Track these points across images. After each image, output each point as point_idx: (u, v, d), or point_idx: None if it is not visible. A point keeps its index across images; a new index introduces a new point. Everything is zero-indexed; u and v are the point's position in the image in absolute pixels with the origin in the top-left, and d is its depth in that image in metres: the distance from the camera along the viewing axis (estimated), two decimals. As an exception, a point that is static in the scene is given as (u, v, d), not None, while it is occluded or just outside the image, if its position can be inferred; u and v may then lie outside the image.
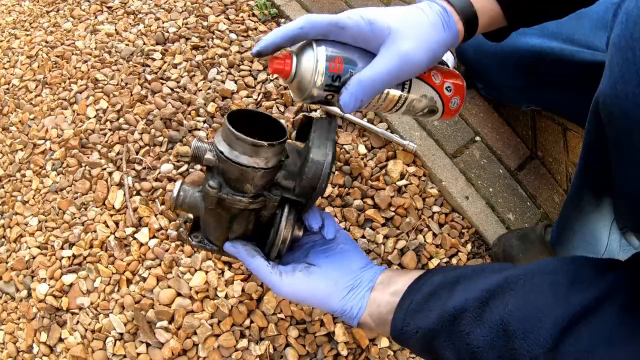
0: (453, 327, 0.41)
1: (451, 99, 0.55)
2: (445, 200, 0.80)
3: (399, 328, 0.46)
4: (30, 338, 0.71)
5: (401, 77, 0.47)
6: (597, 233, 0.66)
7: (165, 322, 0.66)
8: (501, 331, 0.38)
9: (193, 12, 0.99)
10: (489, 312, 0.39)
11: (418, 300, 0.46)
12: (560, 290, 0.38)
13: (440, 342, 0.42)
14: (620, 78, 0.41)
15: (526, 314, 0.37)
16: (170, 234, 0.72)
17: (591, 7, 0.74)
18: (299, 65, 0.45)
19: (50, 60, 0.98)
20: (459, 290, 0.43)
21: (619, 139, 0.46)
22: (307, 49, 0.45)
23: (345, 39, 0.45)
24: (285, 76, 0.46)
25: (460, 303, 0.42)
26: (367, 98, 0.46)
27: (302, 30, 0.44)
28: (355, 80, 0.45)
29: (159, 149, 0.80)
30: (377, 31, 0.45)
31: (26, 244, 0.77)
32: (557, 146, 0.95)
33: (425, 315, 0.44)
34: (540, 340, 0.35)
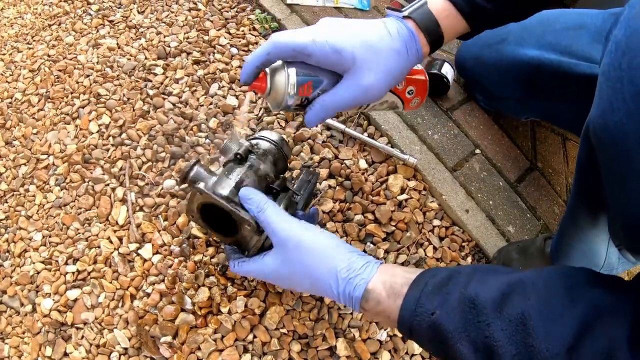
0: (471, 315, 0.39)
1: (412, 100, 0.63)
2: (446, 213, 0.81)
3: (412, 309, 0.43)
4: (35, 352, 0.71)
5: (361, 103, 0.52)
6: (595, 248, 0.67)
7: (169, 337, 0.67)
8: (520, 325, 0.37)
9: (194, 27, 1.00)
10: (510, 304, 0.38)
11: (435, 282, 0.43)
12: (580, 291, 0.38)
13: (454, 333, 0.40)
14: (609, 107, 0.42)
15: (547, 311, 0.37)
16: (174, 250, 0.73)
17: (589, 19, 0.76)
18: (273, 84, 0.52)
19: (52, 74, 0.98)
20: (476, 280, 0.42)
21: (609, 164, 0.47)
22: (280, 70, 0.51)
23: (310, 62, 0.50)
24: (261, 92, 0.53)
25: (482, 291, 0.40)
26: (328, 117, 0.53)
27: (269, 57, 0.49)
28: (319, 104, 0.52)
29: (162, 165, 0.81)
30: (342, 60, 0.49)
31: (30, 259, 0.78)
32: (557, 157, 0.96)
33: (443, 297, 0.42)
34: (561, 339, 0.35)
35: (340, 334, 0.69)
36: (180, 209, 0.76)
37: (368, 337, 0.69)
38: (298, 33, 0.49)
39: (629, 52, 0.39)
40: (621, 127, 0.41)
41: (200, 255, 0.72)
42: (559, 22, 0.78)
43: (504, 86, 0.87)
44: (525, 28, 0.81)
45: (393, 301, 0.45)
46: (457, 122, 0.91)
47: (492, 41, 0.85)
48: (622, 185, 0.46)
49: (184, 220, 0.75)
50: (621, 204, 0.49)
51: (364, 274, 0.47)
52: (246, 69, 0.50)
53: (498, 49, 0.84)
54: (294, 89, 0.51)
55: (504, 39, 0.83)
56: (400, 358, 0.69)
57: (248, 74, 0.50)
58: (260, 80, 0.52)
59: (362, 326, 0.70)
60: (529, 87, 0.83)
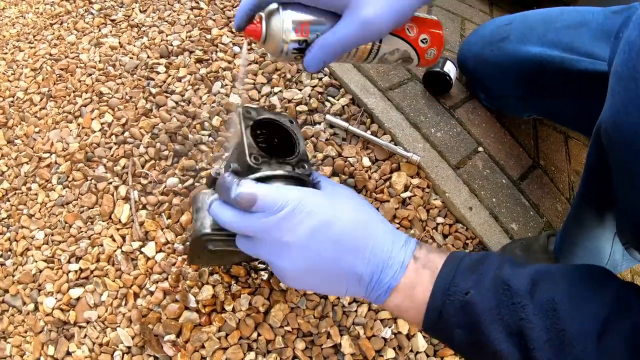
0: (506, 297, 0.38)
1: (427, 51, 0.57)
2: (449, 211, 0.81)
3: (445, 287, 0.40)
4: (37, 351, 0.71)
5: (363, 41, 0.49)
6: (599, 245, 0.67)
7: (172, 335, 0.67)
8: (551, 311, 0.36)
9: (196, 25, 1.00)
10: (540, 291, 0.37)
11: (467, 262, 0.41)
12: (606, 281, 0.38)
13: (488, 315, 0.38)
14: (622, 108, 0.42)
15: (576, 298, 0.37)
16: (177, 248, 0.73)
17: (591, 16, 0.76)
18: (269, 29, 0.49)
19: (54, 73, 0.98)
20: (508, 266, 0.40)
21: (621, 165, 0.47)
22: (275, 14, 0.48)
23: (308, 2, 0.47)
24: (257, 38, 0.49)
25: (514, 275, 0.39)
26: (330, 60, 0.49)
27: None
28: (318, 45, 0.48)
29: (165, 163, 0.81)
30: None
31: (32, 258, 0.78)
32: (559, 154, 0.96)
33: (478, 277, 0.40)
34: (590, 324, 0.35)
35: (345, 331, 0.69)
36: (183, 207, 0.76)
37: (373, 334, 0.69)
38: None
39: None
40: (634, 128, 0.41)
41: (204, 253, 0.72)
42: (561, 20, 0.79)
43: (506, 84, 0.87)
44: (527, 26, 0.81)
45: (429, 277, 0.41)
46: (459, 120, 0.91)
47: (494, 39, 0.85)
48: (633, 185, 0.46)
49: (187, 218, 0.74)
50: (631, 203, 0.49)
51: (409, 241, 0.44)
52: (239, 12, 0.47)
53: (500, 47, 0.84)
54: (290, 31, 0.48)
55: (506, 37, 0.83)
56: (404, 356, 0.69)
57: (242, 16, 0.47)
58: (255, 25, 0.49)
59: (367, 324, 0.69)
60: (531, 84, 0.83)
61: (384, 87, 0.90)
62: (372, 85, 0.90)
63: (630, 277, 0.92)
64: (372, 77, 0.91)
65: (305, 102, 0.88)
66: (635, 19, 0.42)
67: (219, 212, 0.44)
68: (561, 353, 0.35)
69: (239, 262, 0.64)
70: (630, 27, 0.43)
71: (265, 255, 0.44)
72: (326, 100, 0.89)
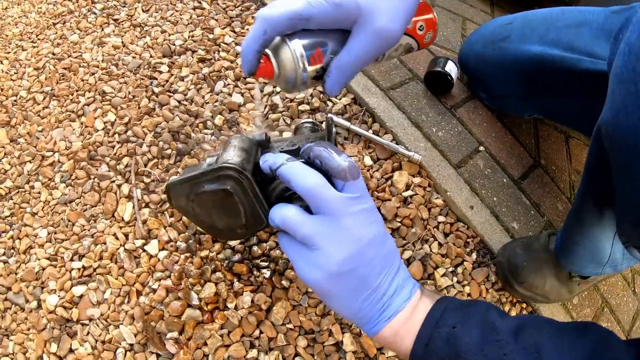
0: (491, 335, 0.39)
1: (424, 36, 0.57)
2: (450, 210, 0.81)
3: (434, 323, 0.42)
4: (40, 349, 0.71)
5: (379, 52, 0.47)
6: (600, 244, 0.67)
7: (175, 333, 0.67)
8: (534, 353, 0.38)
9: (199, 25, 1.00)
10: (524, 335, 0.39)
11: (456, 304, 0.43)
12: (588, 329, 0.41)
13: (472, 348, 0.39)
14: (623, 110, 0.42)
15: (559, 344, 0.38)
16: (180, 246, 0.73)
17: (591, 16, 0.76)
18: (280, 64, 0.46)
19: (57, 73, 0.99)
20: (495, 311, 0.43)
21: (622, 166, 0.47)
22: (282, 46, 0.45)
23: (312, 27, 0.44)
24: (270, 77, 0.46)
25: (499, 318, 0.41)
26: (350, 79, 0.47)
27: (266, 36, 0.43)
28: (335, 68, 0.46)
29: (167, 162, 0.81)
30: (345, 12, 0.43)
31: (36, 255, 0.78)
32: (560, 154, 0.96)
33: (465, 315, 0.42)
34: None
35: (347, 329, 0.69)
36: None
37: (374, 332, 0.69)
38: (285, 1, 0.43)
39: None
40: (635, 130, 0.41)
41: (206, 251, 0.72)
42: (561, 19, 0.79)
43: (507, 84, 0.87)
44: (528, 26, 0.82)
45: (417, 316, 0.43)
46: (461, 119, 0.91)
47: (495, 39, 0.85)
48: (633, 185, 0.46)
49: (190, 216, 0.75)
50: (631, 203, 0.49)
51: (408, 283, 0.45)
52: (246, 56, 0.44)
53: (501, 47, 0.84)
54: (304, 62, 0.45)
55: (506, 37, 0.84)
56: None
57: (250, 61, 0.44)
58: (265, 63, 0.45)
59: (368, 321, 0.70)
60: (532, 84, 0.83)
61: (386, 87, 0.91)
62: (374, 85, 0.90)
63: (630, 276, 0.92)
64: (373, 77, 0.92)
65: (307, 102, 0.88)
66: (636, 21, 0.43)
67: (300, 172, 0.43)
68: None
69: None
70: (630, 29, 0.43)
71: (294, 259, 0.44)
72: (328, 99, 0.89)
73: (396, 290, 0.43)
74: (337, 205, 0.41)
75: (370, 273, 0.42)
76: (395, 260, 0.45)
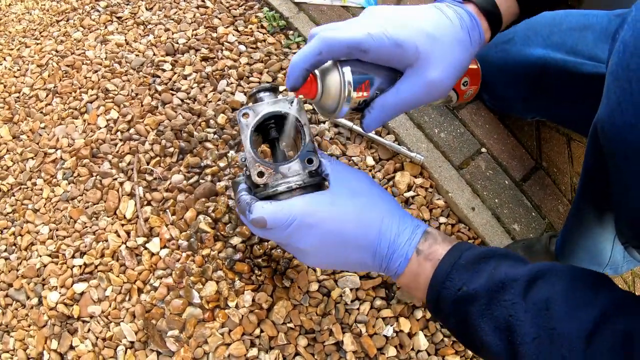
0: (498, 294, 0.39)
1: (466, 92, 0.57)
2: (452, 211, 0.81)
3: (441, 281, 0.42)
4: (40, 345, 0.71)
5: (425, 102, 0.47)
6: (600, 246, 0.67)
7: (176, 331, 0.67)
8: (544, 309, 0.37)
9: (202, 24, 1.00)
10: (536, 289, 0.38)
11: (467, 257, 0.43)
12: (603, 287, 0.39)
13: (478, 308, 0.40)
14: (617, 107, 0.42)
15: (571, 299, 0.37)
16: (181, 244, 0.73)
17: (595, 19, 0.76)
18: (325, 86, 0.45)
19: (60, 70, 0.99)
20: (507, 264, 0.42)
21: (617, 164, 0.47)
22: (332, 70, 0.45)
23: (367, 59, 0.44)
24: (311, 97, 0.46)
25: (510, 273, 0.40)
26: (389, 119, 0.47)
27: (321, 57, 0.43)
28: (380, 105, 0.46)
29: (170, 160, 0.81)
30: (404, 54, 0.43)
31: (37, 252, 0.78)
32: (562, 156, 0.96)
33: (473, 274, 0.41)
34: (582, 324, 0.36)
35: (347, 329, 0.69)
36: (188, 203, 0.76)
37: (375, 332, 0.70)
38: (350, 26, 0.43)
39: (638, 52, 0.40)
40: (630, 127, 0.41)
41: (208, 249, 0.72)
42: (565, 22, 0.79)
43: (509, 86, 0.87)
44: (532, 28, 0.82)
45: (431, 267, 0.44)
46: (463, 120, 0.91)
47: (498, 41, 0.85)
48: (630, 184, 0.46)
49: (191, 215, 0.75)
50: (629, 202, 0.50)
51: (417, 230, 0.46)
52: (294, 71, 0.43)
53: (504, 49, 0.84)
54: (350, 90, 0.44)
55: (510, 39, 0.83)
56: (406, 354, 0.69)
57: (296, 77, 0.43)
58: (310, 83, 0.45)
59: (369, 321, 0.70)
60: (535, 86, 0.83)
61: (388, 87, 0.91)
62: (377, 85, 0.90)
63: (631, 279, 0.92)
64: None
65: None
66: (631, 19, 0.43)
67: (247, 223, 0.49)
68: (548, 350, 0.36)
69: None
70: (625, 27, 0.43)
71: (289, 250, 0.49)
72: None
73: (389, 260, 0.46)
74: (275, 240, 0.49)
75: (348, 261, 0.47)
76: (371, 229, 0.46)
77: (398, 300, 0.72)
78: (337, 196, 0.46)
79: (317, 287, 0.71)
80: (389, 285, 0.73)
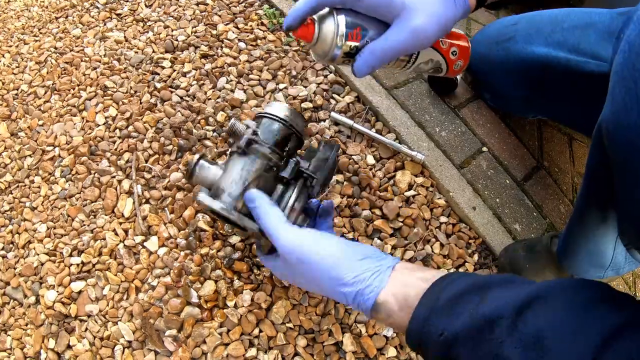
0: (484, 334, 0.37)
1: (455, 62, 0.62)
2: (453, 210, 0.81)
3: (420, 326, 0.40)
4: (38, 344, 0.71)
5: (411, 49, 0.52)
6: (602, 247, 0.66)
7: (174, 330, 0.67)
8: (536, 344, 0.34)
9: (202, 21, 0.99)
10: (524, 322, 0.36)
11: (446, 298, 0.40)
12: (596, 305, 0.36)
13: (463, 351, 0.38)
14: (623, 107, 0.42)
15: (563, 328, 0.35)
16: (180, 243, 0.72)
17: (598, 17, 0.76)
18: (321, 31, 0.51)
19: (59, 67, 0.98)
20: (492, 297, 0.39)
21: (622, 164, 0.47)
22: (328, 17, 0.50)
23: (360, 9, 0.50)
24: (308, 40, 0.51)
25: (496, 309, 0.38)
26: (378, 65, 0.52)
27: (320, 1, 0.48)
28: (369, 50, 0.51)
29: (169, 158, 0.80)
30: (392, 5, 0.50)
31: (34, 250, 0.77)
32: (563, 156, 0.95)
33: (454, 317, 0.39)
34: (578, 356, 0.33)
35: (347, 329, 0.69)
36: (186, 201, 0.75)
37: (374, 332, 0.69)
38: None
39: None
40: (635, 127, 0.41)
41: (206, 248, 0.72)
42: (567, 20, 0.78)
43: (511, 84, 0.87)
44: (534, 27, 0.81)
45: (405, 314, 0.42)
46: (464, 119, 0.91)
47: (500, 39, 0.84)
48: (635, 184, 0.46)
49: (190, 213, 0.74)
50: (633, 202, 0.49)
51: (373, 284, 0.44)
52: (294, 13, 0.48)
53: (506, 47, 0.83)
54: (343, 36, 0.50)
55: (511, 37, 0.83)
56: (406, 354, 0.69)
57: (295, 17, 0.48)
58: (308, 26, 0.50)
59: (369, 322, 0.69)
60: (536, 85, 0.82)
61: (389, 86, 0.90)
62: (377, 84, 0.90)
63: (632, 280, 0.92)
64: (377, 75, 0.91)
65: (310, 99, 0.88)
66: (636, 18, 0.42)
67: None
68: None
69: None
70: (631, 27, 0.43)
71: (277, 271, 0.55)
72: (331, 97, 0.89)
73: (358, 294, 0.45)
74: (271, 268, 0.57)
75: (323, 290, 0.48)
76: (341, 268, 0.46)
77: (398, 300, 0.72)
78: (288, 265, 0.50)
79: (317, 286, 0.70)
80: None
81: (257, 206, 0.50)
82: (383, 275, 0.45)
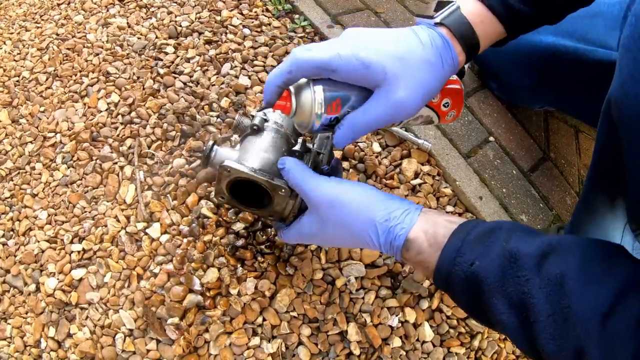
0: (511, 269, 0.38)
1: (447, 113, 0.58)
2: (459, 200, 0.80)
3: (452, 257, 0.42)
4: (38, 333, 0.70)
5: (393, 121, 0.48)
6: (609, 236, 0.66)
7: (176, 318, 0.66)
8: (558, 285, 0.36)
9: (206, 7, 0.98)
10: (549, 264, 0.37)
11: (477, 232, 0.42)
12: (616, 260, 0.37)
13: (491, 286, 0.39)
14: (630, 79, 0.42)
15: (585, 275, 0.36)
16: (183, 230, 0.71)
17: (606, 7, 0.75)
18: (299, 104, 0.48)
19: (61, 53, 0.97)
20: (517, 237, 0.40)
21: (630, 138, 0.46)
22: (305, 89, 0.47)
23: (337, 78, 0.46)
24: (286, 113, 0.49)
25: (522, 247, 0.39)
26: (358, 137, 0.49)
27: (291, 75, 0.45)
28: (348, 123, 0.47)
29: (171, 144, 0.79)
30: (371, 74, 0.45)
31: (35, 238, 0.76)
32: (570, 148, 0.95)
33: (484, 248, 0.40)
34: (597, 303, 0.34)
35: (352, 318, 0.68)
36: (189, 188, 0.74)
37: (379, 322, 0.68)
38: (322, 47, 0.45)
39: None
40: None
41: (209, 235, 0.70)
42: (576, 10, 0.77)
43: (518, 74, 0.86)
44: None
45: (434, 251, 0.43)
46: (471, 109, 0.90)
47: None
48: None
49: (193, 200, 0.73)
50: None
51: (405, 222, 0.45)
52: (268, 88, 0.46)
53: (514, 37, 0.82)
54: (321, 108, 0.46)
55: (520, 26, 0.82)
56: (411, 345, 0.68)
57: (271, 93, 0.46)
58: (285, 99, 0.48)
59: (374, 311, 0.68)
60: (544, 75, 0.82)
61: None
62: (383, 72, 0.89)
63: None
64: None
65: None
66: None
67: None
68: (562, 329, 0.35)
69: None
70: (637, 1, 0.43)
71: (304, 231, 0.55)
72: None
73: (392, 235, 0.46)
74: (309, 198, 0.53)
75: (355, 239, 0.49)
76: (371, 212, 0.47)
77: (404, 290, 0.71)
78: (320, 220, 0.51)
79: (322, 275, 0.69)
80: (395, 275, 0.72)
81: (286, 166, 0.52)
82: (413, 214, 0.46)
